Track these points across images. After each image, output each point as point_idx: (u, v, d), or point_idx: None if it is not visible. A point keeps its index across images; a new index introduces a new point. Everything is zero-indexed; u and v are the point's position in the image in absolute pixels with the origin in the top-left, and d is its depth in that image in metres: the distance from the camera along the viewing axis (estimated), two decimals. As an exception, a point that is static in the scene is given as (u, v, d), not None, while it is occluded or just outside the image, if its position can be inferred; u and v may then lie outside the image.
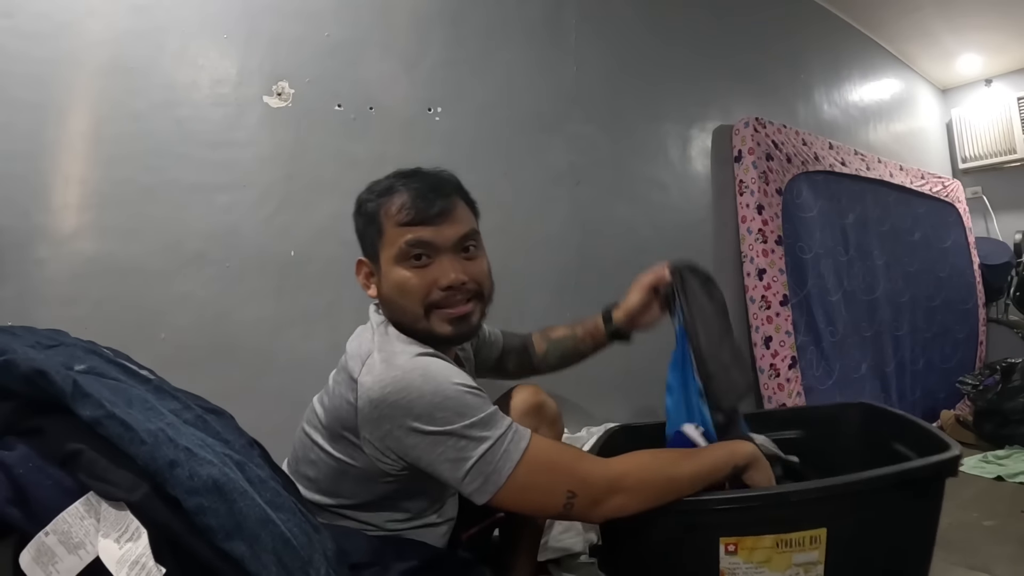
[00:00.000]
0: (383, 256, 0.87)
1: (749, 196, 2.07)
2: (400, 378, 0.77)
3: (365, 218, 0.89)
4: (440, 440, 0.75)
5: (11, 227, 1.03)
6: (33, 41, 1.06)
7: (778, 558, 0.82)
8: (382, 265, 0.87)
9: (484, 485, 0.75)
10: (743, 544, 0.81)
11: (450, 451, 0.75)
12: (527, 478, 0.76)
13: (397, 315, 0.87)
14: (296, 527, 0.63)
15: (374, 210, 0.88)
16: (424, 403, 0.75)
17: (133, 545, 0.53)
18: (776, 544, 0.81)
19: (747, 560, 0.81)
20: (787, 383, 1.93)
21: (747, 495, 0.85)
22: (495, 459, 0.75)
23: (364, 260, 0.92)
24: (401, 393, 0.76)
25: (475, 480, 0.75)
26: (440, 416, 0.75)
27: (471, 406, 0.76)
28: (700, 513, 0.83)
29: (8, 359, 0.59)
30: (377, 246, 0.87)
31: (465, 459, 0.74)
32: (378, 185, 0.91)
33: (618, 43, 1.91)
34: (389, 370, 0.78)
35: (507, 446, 0.76)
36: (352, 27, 1.41)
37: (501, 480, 0.75)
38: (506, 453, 0.75)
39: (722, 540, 0.81)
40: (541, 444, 0.79)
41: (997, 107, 3.15)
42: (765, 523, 0.82)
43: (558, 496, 0.77)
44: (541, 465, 0.77)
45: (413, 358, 0.80)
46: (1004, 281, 3.01)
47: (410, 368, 0.78)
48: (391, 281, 0.86)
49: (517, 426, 0.79)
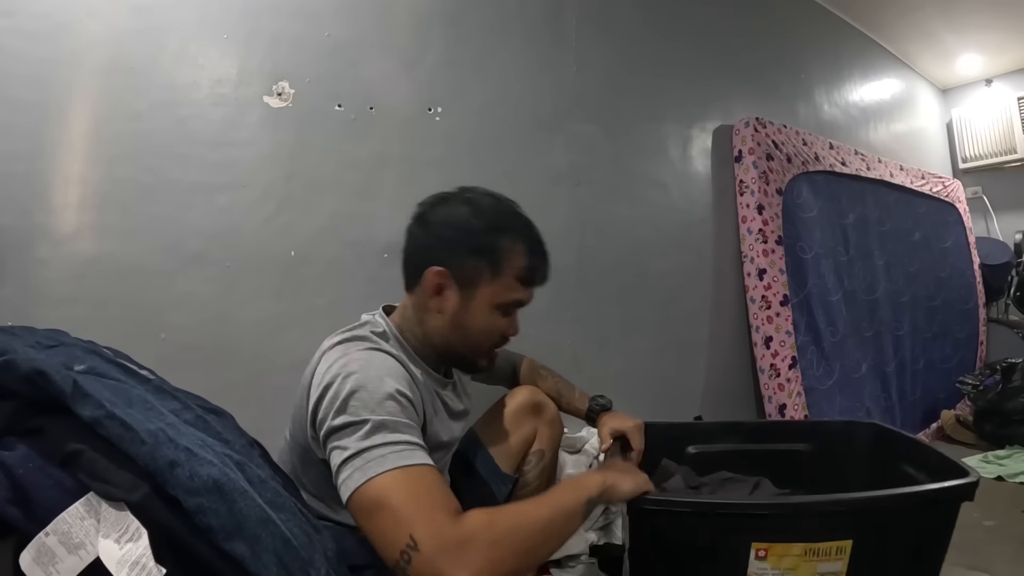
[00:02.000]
0: (483, 291, 0.90)
1: (749, 196, 2.07)
2: (344, 364, 0.80)
3: (475, 246, 0.90)
4: (345, 428, 0.74)
5: (11, 227, 1.03)
6: (33, 41, 1.06)
7: (804, 566, 0.84)
8: (476, 297, 0.90)
9: (349, 478, 0.71)
10: (773, 550, 0.83)
11: (345, 437, 0.74)
12: (383, 493, 0.69)
13: (454, 339, 0.92)
14: (296, 527, 0.63)
15: (494, 247, 0.90)
16: (348, 391, 0.76)
17: (133, 545, 0.53)
18: (805, 552, 0.83)
19: (775, 566, 0.83)
20: (787, 383, 1.93)
21: (784, 503, 0.87)
22: (372, 457, 0.71)
23: (445, 272, 0.89)
24: (341, 383, 0.78)
25: (347, 469, 0.72)
26: (352, 406, 0.75)
27: (384, 407, 0.75)
28: (737, 517, 0.85)
29: (8, 359, 0.59)
30: (480, 279, 0.90)
31: (349, 448, 0.73)
32: (489, 214, 0.92)
33: (618, 43, 1.91)
34: (340, 357, 0.82)
35: (387, 454, 0.71)
36: (352, 27, 1.41)
37: (363, 478, 0.70)
38: (383, 459, 0.71)
39: (754, 545, 0.83)
40: (421, 475, 0.72)
41: (997, 107, 3.15)
42: (797, 531, 0.84)
43: (397, 540, 0.66)
44: (406, 490, 0.70)
45: (366, 351, 0.84)
46: (1004, 281, 3.01)
47: (356, 358, 0.81)
48: (480, 318, 0.91)
49: (416, 448, 0.74)
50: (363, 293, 1.35)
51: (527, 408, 1.15)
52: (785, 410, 1.92)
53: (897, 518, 0.87)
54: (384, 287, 1.38)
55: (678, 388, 1.97)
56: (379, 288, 1.39)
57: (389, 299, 1.04)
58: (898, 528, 0.87)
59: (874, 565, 0.86)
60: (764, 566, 0.83)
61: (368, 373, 0.79)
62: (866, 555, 0.84)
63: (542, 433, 1.16)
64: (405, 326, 0.95)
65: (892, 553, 0.87)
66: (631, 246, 1.88)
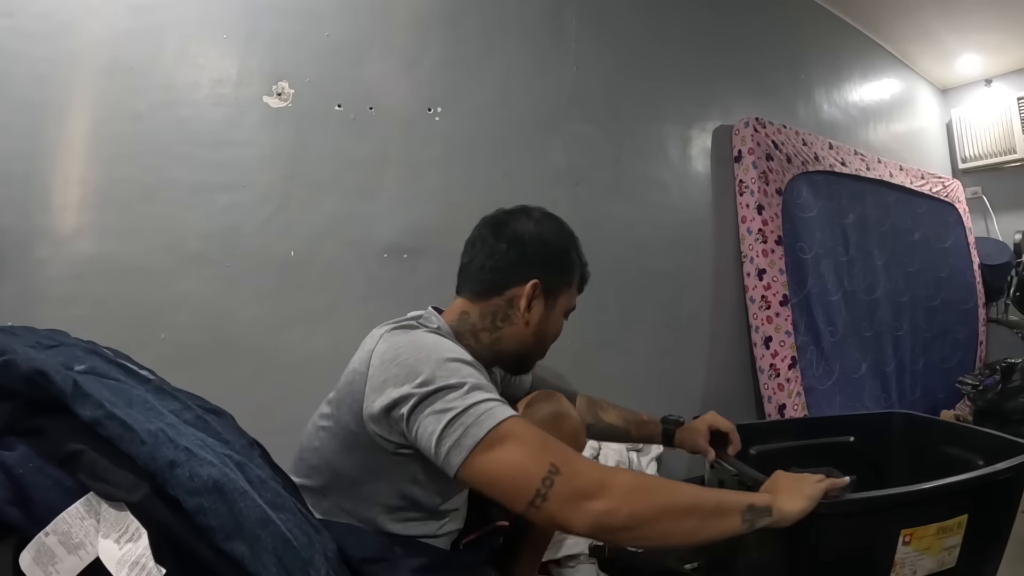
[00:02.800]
0: (561, 300, 0.97)
1: (749, 196, 2.07)
2: (414, 341, 0.82)
3: (565, 262, 0.98)
4: (435, 394, 0.74)
5: (11, 227, 1.03)
6: (33, 41, 1.06)
7: (936, 544, 0.89)
8: (556, 306, 0.97)
9: (463, 437, 0.71)
10: (916, 534, 0.88)
11: (439, 402, 0.73)
12: (513, 436, 0.71)
13: (531, 344, 0.97)
14: (296, 527, 0.63)
15: (573, 261, 0.99)
16: (431, 364, 0.76)
17: (133, 546, 0.53)
18: (938, 531, 0.89)
19: (915, 549, 0.88)
20: (787, 383, 1.93)
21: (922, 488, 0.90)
22: (479, 412, 0.72)
23: (539, 285, 0.94)
24: (412, 354, 0.78)
25: (455, 432, 0.71)
26: (441, 374, 0.75)
27: (471, 374, 0.77)
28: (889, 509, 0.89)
29: (8, 359, 0.58)
30: (561, 289, 0.97)
31: (450, 409, 0.72)
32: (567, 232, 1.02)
33: (618, 43, 1.91)
34: (404, 335, 0.84)
35: (495, 407, 0.73)
36: (352, 27, 1.41)
37: (481, 433, 0.70)
38: (491, 411, 0.72)
39: (903, 532, 0.87)
40: (529, 424, 0.75)
41: (997, 107, 3.15)
42: (933, 512, 0.90)
43: (538, 468, 0.69)
44: (527, 432, 0.73)
45: (431, 334, 0.86)
46: (1004, 281, 3.01)
47: (426, 338, 0.84)
48: (557, 324, 0.99)
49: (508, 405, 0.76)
50: (363, 293, 1.36)
51: (544, 418, 1.05)
52: (785, 410, 1.92)
53: (998, 489, 0.97)
54: (384, 287, 1.39)
55: (678, 388, 1.97)
56: (379, 288, 1.39)
57: (389, 299, 1.04)
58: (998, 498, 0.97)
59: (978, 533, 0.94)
60: (908, 551, 0.88)
61: (446, 349, 0.81)
62: (974, 525, 0.93)
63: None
64: (462, 329, 0.95)
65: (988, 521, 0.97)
66: (631, 246, 1.88)
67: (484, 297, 0.95)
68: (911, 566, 0.89)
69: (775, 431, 1.43)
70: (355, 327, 0.94)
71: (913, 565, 0.89)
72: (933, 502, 0.92)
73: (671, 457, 1.72)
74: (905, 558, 0.88)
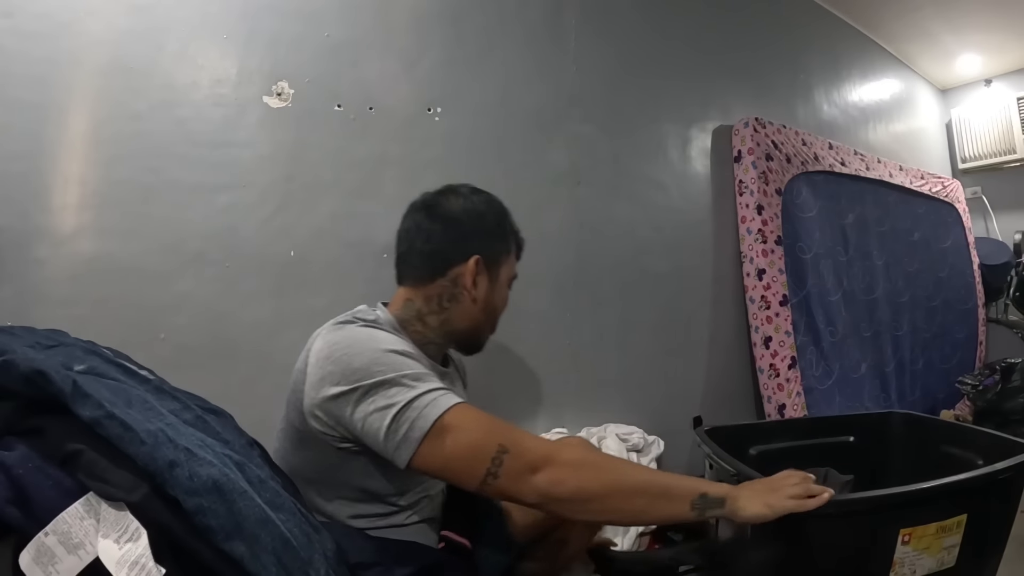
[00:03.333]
0: (504, 269, 0.98)
1: (749, 196, 2.07)
2: (348, 336, 0.82)
3: (501, 232, 0.98)
4: (373, 389, 0.75)
5: (11, 227, 1.03)
6: (33, 41, 1.06)
7: (935, 544, 0.90)
8: (500, 277, 0.97)
9: (409, 431, 0.72)
10: (915, 533, 0.88)
11: (381, 398, 0.74)
12: (460, 424, 0.73)
13: (482, 320, 0.96)
14: (296, 527, 0.63)
15: (509, 231, 0.99)
16: (364, 359, 0.77)
17: (133, 546, 0.53)
18: (937, 531, 0.90)
19: (914, 548, 0.89)
20: (787, 383, 1.93)
21: (922, 488, 0.90)
22: (422, 405, 0.73)
23: (481, 260, 0.94)
24: (345, 350, 0.79)
25: (400, 427, 0.73)
26: (377, 369, 0.76)
27: (408, 365, 0.78)
28: (887, 508, 0.90)
29: (8, 359, 0.59)
30: (501, 260, 0.97)
31: (393, 404, 0.73)
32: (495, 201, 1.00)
33: (618, 43, 1.91)
34: (338, 331, 0.84)
35: (437, 398, 0.75)
36: (352, 27, 1.41)
37: (426, 425, 0.72)
38: (435, 402, 0.74)
39: (902, 532, 0.87)
40: (473, 408, 0.77)
41: (997, 107, 3.15)
42: (932, 512, 0.90)
43: (487, 449, 0.72)
44: (472, 417, 0.74)
45: (366, 327, 0.86)
46: (1004, 281, 3.01)
47: (361, 330, 0.84)
48: (502, 294, 0.99)
49: (455, 394, 0.77)
50: (362, 293, 1.35)
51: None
52: (785, 410, 1.92)
53: (997, 488, 0.97)
54: (384, 287, 1.38)
55: (678, 388, 1.96)
56: (378, 288, 1.39)
57: (388, 299, 1.04)
58: (998, 498, 0.98)
59: (977, 532, 0.94)
60: (907, 550, 0.88)
61: (380, 340, 0.81)
62: (973, 524, 0.93)
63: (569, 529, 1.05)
64: (407, 316, 0.94)
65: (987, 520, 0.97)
66: (630, 246, 1.88)
67: (427, 281, 0.95)
68: (910, 566, 0.89)
69: (775, 431, 1.43)
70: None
71: (912, 565, 0.89)
72: (932, 502, 0.92)
73: (671, 457, 1.72)
74: (904, 558, 0.88)
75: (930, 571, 0.91)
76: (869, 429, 1.43)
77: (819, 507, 0.80)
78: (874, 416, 1.51)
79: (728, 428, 1.35)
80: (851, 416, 1.66)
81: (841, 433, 1.43)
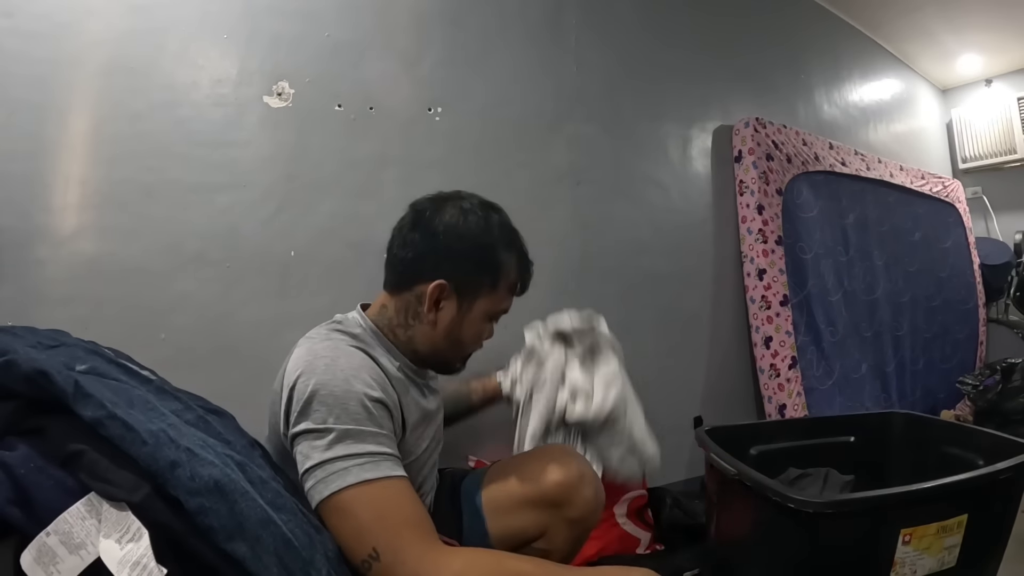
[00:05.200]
0: (480, 303, 0.89)
1: (749, 196, 2.07)
2: (308, 362, 0.78)
3: (484, 262, 0.89)
4: (309, 434, 0.74)
5: (11, 227, 1.03)
6: (33, 41, 1.06)
7: (936, 544, 0.90)
8: (473, 310, 0.89)
9: (313, 488, 0.72)
10: (916, 533, 0.89)
11: (304, 446, 0.74)
12: (346, 506, 0.70)
13: (443, 347, 0.90)
14: (297, 528, 0.63)
15: (497, 262, 0.90)
16: (310, 392, 0.75)
17: (134, 546, 0.53)
18: (938, 531, 0.90)
19: (915, 548, 0.89)
20: (787, 383, 1.93)
21: (922, 488, 0.91)
22: (334, 470, 0.72)
23: (447, 286, 0.87)
24: (301, 377, 0.77)
25: (309, 480, 0.73)
26: (316, 411, 0.74)
27: (350, 413, 0.74)
28: (888, 508, 0.90)
29: (10, 359, 0.58)
30: (480, 293, 0.89)
31: (312, 456, 0.73)
32: (496, 229, 0.90)
33: (618, 43, 1.91)
34: (305, 354, 0.80)
35: (350, 467, 0.72)
36: (352, 27, 1.41)
37: (326, 492, 0.71)
38: (344, 472, 0.71)
39: (903, 532, 0.88)
40: (386, 490, 0.72)
41: (997, 107, 3.15)
42: (933, 512, 0.91)
43: (360, 548, 0.69)
44: (368, 505, 0.70)
45: (332, 346, 0.81)
46: (1004, 281, 3.01)
47: (322, 355, 0.79)
48: (474, 328, 0.91)
49: (383, 459, 0.74)
50: (363, 293, 1.35)
51: (543, 499, 0.93)
52: (785, 410, 1.92)
53: (998, 488, 0.98)
54: (384, 287, 1.38)
55: (678, 388, 1.96)
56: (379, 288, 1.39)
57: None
58: (998, 498, 0.99)
59: (977, 532, 0.95)
60: (908, 550, 0.89)
61: (333, 374, 0.76)
62: (974, 524, 0.94)
63: (556, 532, 0.94)
64: (382, 323, 0.92)
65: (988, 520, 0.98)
66: (631, 246, 1.88)
67: (398, 290, 0.91)
68: (911, 565, 0.89)
69: (775, 431, 1.43)
70: (356, 327, 0.93)
71: (913, 564, 0.89)
72: (933, 502, 0.92)
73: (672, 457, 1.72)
74: (905, 557, 0.88)
75: (931, 571, 0.91)
76: (870, 429, 1.42)
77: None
78: (874, 416, 1.51)
79: (728, 428, 1.35)
80: (851, 416, 1.66)
81: (841, 433, 1.43)
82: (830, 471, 1.32)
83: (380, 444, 0.75)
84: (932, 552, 0.90)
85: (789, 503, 0.89)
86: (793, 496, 0.89)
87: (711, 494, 1.19)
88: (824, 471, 1.32)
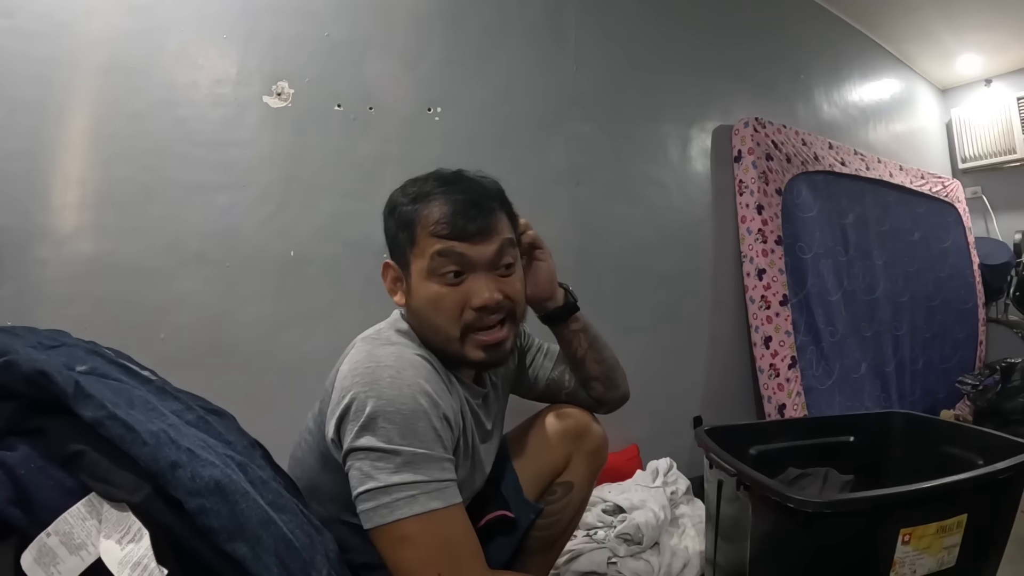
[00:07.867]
0: (415, 267, 0.81)
1: (749, 196, 2.08)
2: (371, 371, 0.74)
3: (398, 222, 0.83)
4: (372, 452, 0.71)
5: (11, 227, 1.03)
6: (33, 41, 1.06)
7: (935, 543, 0.90)
8: (413, 276, 0.82)
9: (373, 511, 0.70)
10: (915, 533, 0.89)
11: (366, 464, 0.71)
12: (412, 535, 0.69)
13: (428, 332, 0.83)
14: (298, 528, 0.63)
15: (410, 216, 0.81)
16: (374, 408, 0.71)
17: (135, 546, 0.53)
18: (938, 531, 0.90)
19: (915, 548, 0.89)
20: (787, 383, 1.93)
21: (922, 488, 0.91)
22: (401, 496, 0.69)
23: (392, 264, 0.85)
24: (364, 388, 0.72)
25: (368, 502, 0.70)
26: (381, 428, 0.71)
27: (417, 434, 0.71)
28: (888, 508, 0.90)
29: (10, 359, 0.58)
30: (408, 254, 0.82)
31: (375, 478, 0.70)
32: (415, 187, 0.84)
33: (618, 43, 1.91)
34: (366, 360, 0.76)
35: (417, 495, 0.70)
36: (352, 27, 1.41)
37: (388, 519, 0.69)
38: (411, 500, 0.69)
39: (902, 531, 0.88)
40: (451, 519, 0.71)
41: (997, 107, 3.15)
42: (933, 512, 0.91)
43: (428, 572, 0.69)
44: (434, 535, 0.70)
45: (396, 353, 0.77)
46: (1004, 281, 3.01)
47: (386, 364, 0.75)
48: (423, 295, 0.81)
49: (447, 486, 0.72)
50: (362, 293, 1.35)
51: (566, 432, 1.00)
52: (785, 410, 1.92)
53: (998, 488, 0.98)
54: (384, 287, 1.38)
55: (678, 388, 1.97)
56: (378, 288, 1.39)
57: (388, 299, 1.03)
58: (998, 498, 0.99)
59: (977, 532, 0.95)
60: (907, 550, 0.89)
61: (400, 389, 0.72)
62: (974, 524, 0.94)
63: (577, 464, 1.01)
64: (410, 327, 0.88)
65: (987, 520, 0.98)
66: (630, 246, 1.88)
67: None
68: (910, 565, 0.89)
69: (775, 431, 1.44)
70: (355, 328, 0.93)
71: (912, 564, 0.89)
72: (933, 501, 0.92)
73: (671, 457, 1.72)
74: (904, 557, 0.89)
75: (930, 571, 0.91)
76: (869, 429, 1.43)
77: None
78: (874, 416, 1.51)
79: (728, 428, 1.35)
80: (851, 416, 1.67)
81: (841, 433, 1.43)
82: (830, 471, 1.32)
83: (445, 470, 0.73)
84: (932, 552, 0.91)
85: (788, 503, 0.89)
86: (792, 496, 0.89)
87: (710, 494, 1.20)
88: (824, 471, 1.32)
